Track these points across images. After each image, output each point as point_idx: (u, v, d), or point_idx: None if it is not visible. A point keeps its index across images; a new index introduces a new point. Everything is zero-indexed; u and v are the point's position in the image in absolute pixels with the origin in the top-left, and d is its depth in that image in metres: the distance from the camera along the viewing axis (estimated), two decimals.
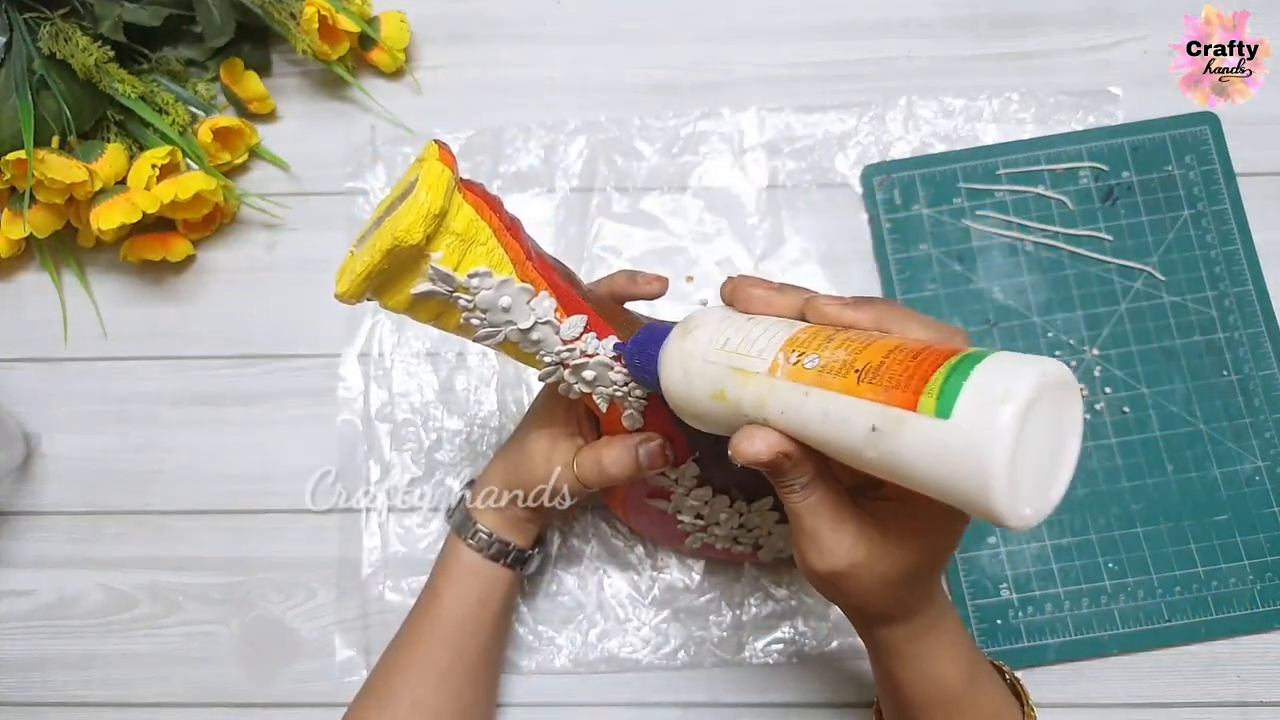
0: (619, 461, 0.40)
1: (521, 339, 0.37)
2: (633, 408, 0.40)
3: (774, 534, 0.46)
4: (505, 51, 0.60)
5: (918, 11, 0.60)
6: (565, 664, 0.51)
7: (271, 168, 0.59)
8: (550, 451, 0.43)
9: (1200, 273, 0.55)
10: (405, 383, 0.56)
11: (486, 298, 0.35)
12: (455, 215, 0.33)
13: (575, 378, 0.38)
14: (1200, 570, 0.51)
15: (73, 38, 0.52)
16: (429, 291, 0.34)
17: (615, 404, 0.40)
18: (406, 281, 0.34)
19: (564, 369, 0.38)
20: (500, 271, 0.35)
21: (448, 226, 0.33)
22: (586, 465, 0.41)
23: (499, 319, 0.36)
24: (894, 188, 0.56)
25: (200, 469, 0.55)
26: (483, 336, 0.36)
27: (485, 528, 0.45)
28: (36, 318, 0.57)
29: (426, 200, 0.32)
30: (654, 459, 0.40)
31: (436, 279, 0.34)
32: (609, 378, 0.38)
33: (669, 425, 0.40)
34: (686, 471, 0.42)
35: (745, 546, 0.47)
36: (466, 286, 0.34)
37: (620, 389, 0.39)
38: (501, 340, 0.37)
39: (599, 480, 0.41)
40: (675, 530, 0.47)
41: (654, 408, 0.39)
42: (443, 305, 0.35)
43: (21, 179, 0.51)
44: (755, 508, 0.44)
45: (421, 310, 0.35)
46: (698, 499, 0.44)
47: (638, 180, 0.58)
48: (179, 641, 0.53)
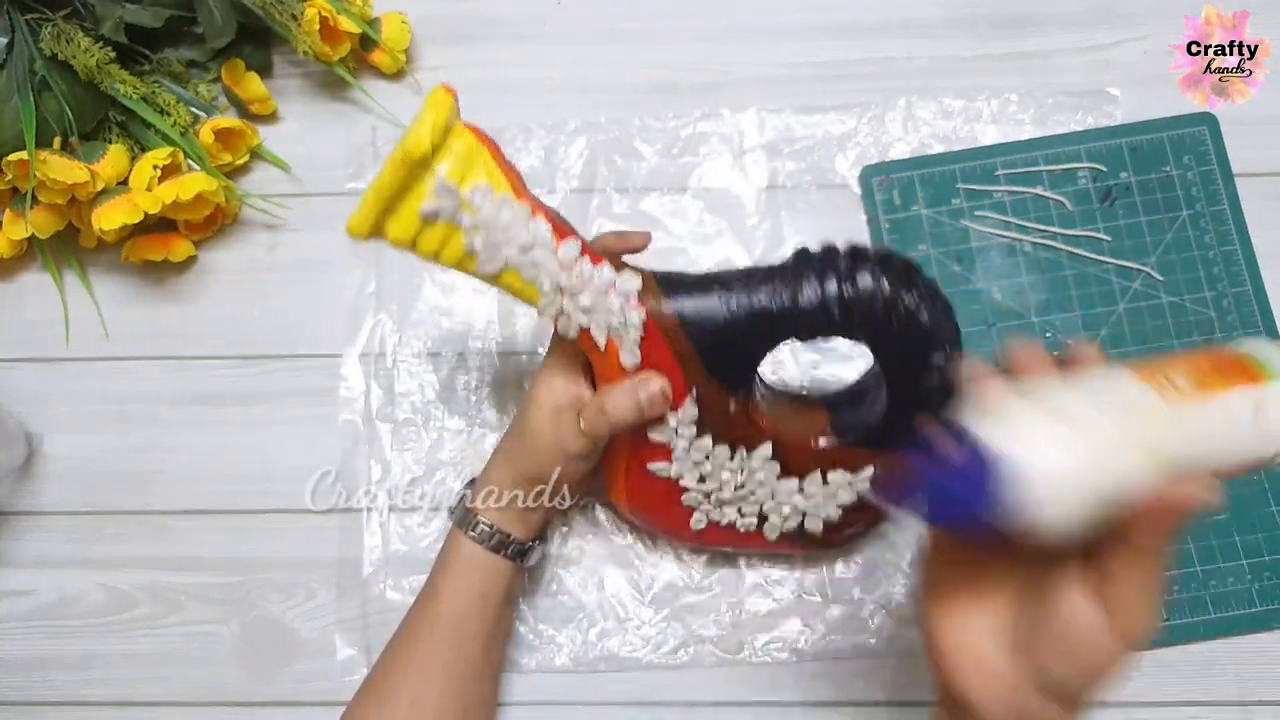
0: (620, 405, 0.41)
1: (521, 262, 0.38)
2: (630, 340, 0.40)
3: (778, 497, 0.46)
4: (505, 52, 0.60)
5: (917, 12, 0.60)
6: (566, 662, 0.52)
7: (273, 169, 0.59)
8: (554, 425, 0.43)
9: (1198, 273, 0.55)
10: (406, 383, 0.56)
11: (488, 213, 0.37)
12: (457, 137, 0.37)
13: (573, 305, 0.40)
14: (1198, 570, 0.51)
15: (74, 39, 0.52)
16: (434, 211, 0.37)
17: (613, 342, 0.41)
18: (413, 201, 0.37)
19: (562, 296, 0.39)
20: (500, 190, 0.38)
21: (450, 146, 0.37)
22: (590, 416, 0.42)
23: (499, 237, 0.38)
24: (893, 188, 0.56)
25: (201, 469, 0.55)
26: (485, 261, 0.38)
27: (486, 520, 0.45)
28: (38, 318, 0.57)
29: (432, 115, 0.35)
30: (654, 400, 0.41)
31: (441, 192, 0.36)
32: (605, 304, 0.40)
33: (666, 360, 0.41)
34: (686, 414, 0.42)
35: (750, 520, 0.47)
36: (469, 201, 0.37)
37: (617, 317, 0.40)
38: (502, 266, 0.38)
39: (604, 428, 0.42)
40: (679, 512, 0.46)
41: (650, 341, 0.41)
42: (447, 230, 0.38)
43: (23, 180, 0.51)
44: (756, 456, 0.44)
45: (426, 239, 0.38)
46: (699, 451, 0.44)
47: (638, 181, 0.58)
48: (179, 641, 0.53)
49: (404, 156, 0.35)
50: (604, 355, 0.41)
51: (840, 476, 0.45)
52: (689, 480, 0.45)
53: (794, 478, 0.45)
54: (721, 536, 0.48)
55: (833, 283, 0.39)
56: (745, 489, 0.45)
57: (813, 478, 0.45)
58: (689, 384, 0.42)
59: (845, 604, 0.52)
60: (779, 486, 0.45)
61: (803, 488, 0.45)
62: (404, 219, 0.37)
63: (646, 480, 0.45)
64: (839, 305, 0.39)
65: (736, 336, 0.40)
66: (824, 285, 0.39)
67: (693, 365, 0.41)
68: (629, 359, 0.41)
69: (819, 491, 0.45)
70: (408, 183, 0.36)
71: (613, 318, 0.40)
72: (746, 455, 0.44)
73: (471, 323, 0.56)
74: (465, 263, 0.39)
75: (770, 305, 0.40)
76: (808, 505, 0.46)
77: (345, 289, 0.57)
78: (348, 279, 0.57)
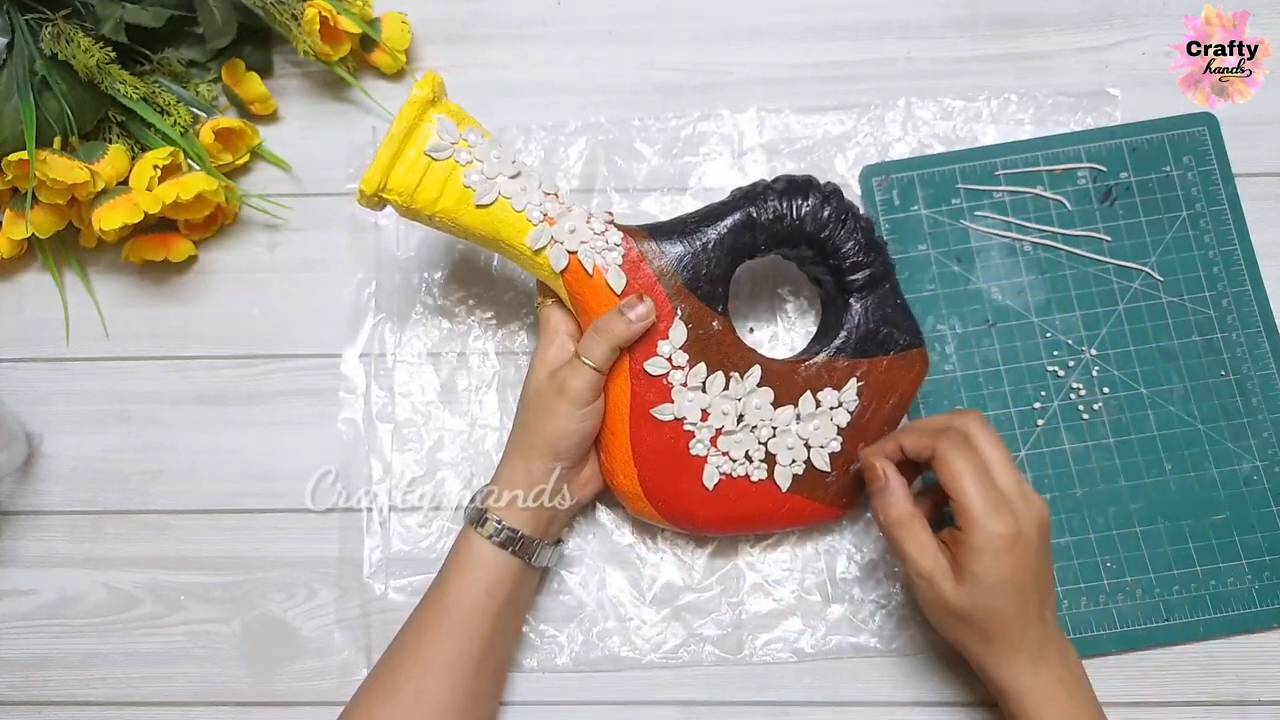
0: (610, 321, 0.45)
1: (513, 190, 0.45)
2: (613, 262, 0.46)
3: (778, 427, 0.48)
4: (505, 52, 0.60)
5: (917, 12, 0.60)
6: (567, 662, 0.52)
7: (273, 168, 0.59)
8: (552, 381, 0.46)
9: (1198, 273, 0.55)
10: (407, 383, 0.56)
11: (482, 148, 0.45)
12: (447, 103, 0.46)
13: (561, 231, 0.45)
14: (1198, 569, 0.51)
15: (74, 39, 0.52)
16: (437, 147, 0.44)
17: (599, 269, 0.46)
18: (418, 144, 0.44)
19: (549, 224, 0.45)
20: (487, 135, 0.46)
21: (444, 105, 0.45)
22: (586, 343, 0.46)
23: (494, 169, 0.45)
24: (893, 188, 0.56)
25: (201, 469, 0.55)
26: (481, 194, 0.45)
27: (497, 517, 0.45)
28: (38, 318, 0.57)
29: (427, 75, 0.44)
30: (641, 316, 0.45)
31: (443, 130, 0.44)
32: (588, 228, 0.46)
33: (648, 279, 0.46)
34: (676, 336, 0.46)
35: (760, 468, 0.48)
36: (465, 139, 0.45)
37: (600, 240, 0.46)
38: (496, 196, 0.45)
39: (602, 348, 0.45)
40: (689, 470, 0.47)
41: (631, 264, 0.46)
42: (447, 169, 0.44)
43: (24, 179, 0.51)
44: (749, 379, 0.47)
45: (429, 182, 0.44)
46: (694, 380, 0.47)
47: (637, 181, 0.58)
48: (180, 640, 0.53)
49: (410, 101, 0.43)
50: (592, 282, 0.46)
51: (830, 395, 0.48)
52: (692, 417, 0.47)
53: (788, 405, 0.48)
54: (735, 502, 0.48)
55: (774, 199, 0.47)
56: (745, 421, 0.48)
57: (806, 399, 0.48)
58: (673, 305, 0.46)
59: (845, 604, 0.52)
60: (777, 416, 0.48)
61: (799, 414, 0.48)
62: (410, 162, 0.44)
63: (652, 441, 0.47)
64: (771, 213, 0.47)
65: (702, 250, 0.47)
66: (761, 202, 0.47)
67: (672, 281, 0.46)
68: (615, 280, 0.46)
69: (815, 414, 0.48)
70: (413, 128, 0.44)
71: (596, 240, 0.46)
72: (740, 379, 0.47)
73: (472, 323, 0.56)
74: (463, 204, 0.45)
75: (727, 220, 0.47)
76: (809, 432, 0.48)
77: (345, 289, 0.57)
78: (348, 279, 0.57)
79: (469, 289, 0.57)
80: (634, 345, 0.46)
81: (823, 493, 0.49)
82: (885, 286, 0.49)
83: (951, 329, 0.55)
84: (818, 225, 0.47)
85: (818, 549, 0.53)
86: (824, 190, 0.48)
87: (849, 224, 0.48)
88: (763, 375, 0.48)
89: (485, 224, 0.45)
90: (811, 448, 0.48)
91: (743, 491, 0.48)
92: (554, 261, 0.45)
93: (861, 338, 0.48)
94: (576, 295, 0.46)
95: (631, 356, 0.47)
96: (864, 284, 0.48)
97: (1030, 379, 0.54)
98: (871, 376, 0.48)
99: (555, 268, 0.46)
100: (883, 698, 0.51)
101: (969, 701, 0.51)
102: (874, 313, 0.48)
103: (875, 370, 0.48)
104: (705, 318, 0.47)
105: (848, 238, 0.47)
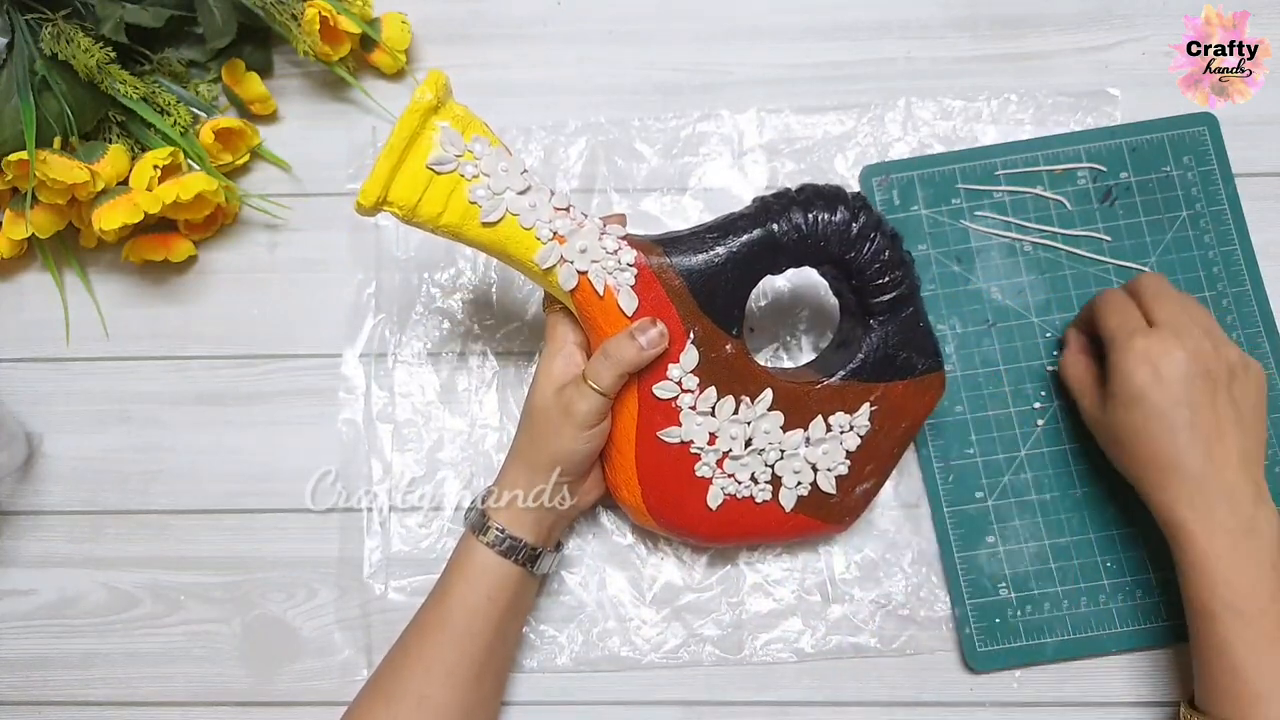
0: (620, 346, 0.43)
1: (521, 207, 0.42)
2: (625, 282, 0.43)
3: (786, 450, 0.47)
4: (505, 52, 0.60)
5: (917, 12, 0.60)
6: (567, 662, 0.52)
7: (273, 168, 0.59)
8: (558, 398, 0.44)
9: (1198, 273, 0.55)
10: (407, 383, 0.56)
11: (489, 161, 0.42)
12: (453, 106, 0.42)
13: (571, 250, 0.43)
14: None
15: (74, 39, 0.52)
16: (440, 159, 0.41)
17: (610, 289, 0.43)
18: (419, 156, 0.41)
19: (559, 242, 0.43)
20: (495, 143, 0.42)
21: (449, 109, 0.41)
22: (594, 365, 0.44)
23: (501, 184, 0.42)
24: (893, 188, 0.56)
25: (202, 469, 0.55)
26: (488, 211, 0.42)
27: (499, 525, 0.45)
28: (38, 318, 0.57)
29: (433, 77, 0.41)
30: (653, 340, 0.43)
31: (447, 141, 0.41)
32: (599, 246, 0.43)
33: (661, 301, 0.44)
34: (687, 360, 0.44)
35: (764, 488, 0.47)
36: (471, 150, 0.41)
37: (611, 259, 0.43)
38: (504, 213, 0.42)
39: (610, 374, 0.43)
40: (693, 490, 0.47)
41: (644, 284, 0.44)
42: (451, 183, 0.41)
43: (24, 179, 0.51)
44: (759, 404, 0.46)
45: (431, 196, 0.41)
46: (704, 405, 0.45)
47: (637, 181, 0.58)
48: (180, 641, 0.53)
49: (413, 108, 0.40)
50: (602, 303, 0.44)
51: (842, 419, 0.46)
52: (699, 441, 0.46)
53: (799, 429, 0.46)
54: (738, 520, 0.48)
55: (798, 214, 0.44)
56: (754, 445, 0.46)
57: (816, 423, 0.46)
58: (686, 327, 0.44)
59: (845, 604, 0.52)
60: (786, 439, 0.46)
61: (809, 437, 0.47)
62: (411, 175, 0.41)
63: (657, 460, 0.46)
64: (795, 231, 0.44)
65: (718, 268, 0.44)
66: (784, 218, 0.44)
67: (686, 303, 0.44)
68: (627, 302, 0.43)
69: (825, 438, 0.47)
70: (415, 138, 0.41)
71: (608, 259, 0.43)
72: (751, 403, 0.46)
73: (471, 324, 0.56)
74: (467, 219, 0.42)
75: (745, 237, 0.44)
76: (817, 456, 0.47)
77: (345, 289, 0.57)
78: (348, 279, 0.57)
79: (469, 289, 0.57)
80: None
81: (826, 512, 0.48)
82: (909, 310, 0.46)
83: (951, 329, 0.55)
84: (844, 246, 0.44)
85: (818, 549, 0.53)
86: (853, 205, 0.44)
87: (877, 242, 0.44)
88: (774, 399, 0.46)
89: (492, 240, 0.43)
90: (819, 471, 0.47)
91: (746, 511, 0.48)
92: (563, 281, 0.43)
93: (879, 360, 0.46)
94: (586, 314, 0.45)
95: (640, 378, 0.45)
96: (887, 307, 0.46)
97: (1030, 379, 0.54)
98: (886, 401, 0.47)
99: (565, 287, 0.44)
100: (883, 698, 0.51)
101: (969, 701, 0.51)
102: (894, 336, 0.46)
103: (890, 395, 0.47)
104: (718, 340, 0.45)
105: (874, 259, 0.44)
